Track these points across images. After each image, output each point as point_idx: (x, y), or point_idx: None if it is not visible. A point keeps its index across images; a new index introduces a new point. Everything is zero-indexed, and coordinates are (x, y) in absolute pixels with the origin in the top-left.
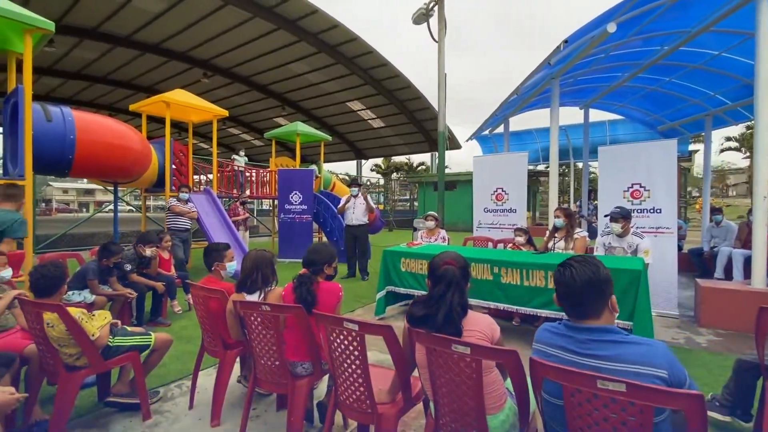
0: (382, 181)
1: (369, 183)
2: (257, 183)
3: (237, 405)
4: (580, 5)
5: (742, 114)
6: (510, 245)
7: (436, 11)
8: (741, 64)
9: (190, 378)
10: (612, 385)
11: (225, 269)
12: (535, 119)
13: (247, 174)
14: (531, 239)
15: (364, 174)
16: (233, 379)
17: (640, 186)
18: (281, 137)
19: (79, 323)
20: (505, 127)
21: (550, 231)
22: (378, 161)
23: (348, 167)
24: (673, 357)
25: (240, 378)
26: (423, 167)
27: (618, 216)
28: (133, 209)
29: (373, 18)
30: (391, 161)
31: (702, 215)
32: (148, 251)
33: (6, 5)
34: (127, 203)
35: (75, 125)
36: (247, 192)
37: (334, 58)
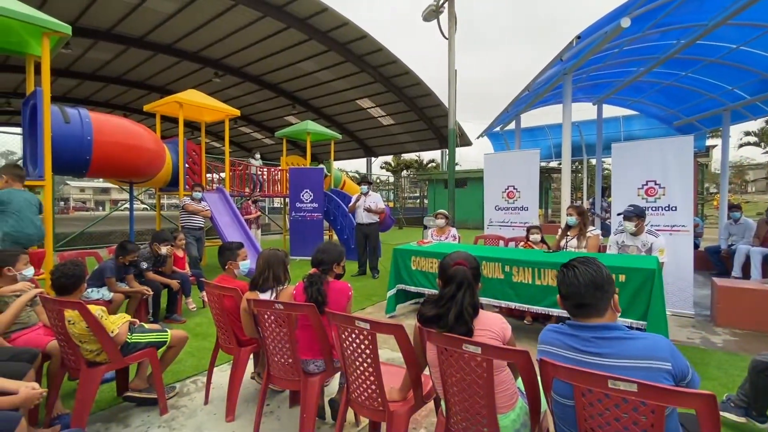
0: (391, 179)
1: (378, 180)
2: (269, 181)
3: (250, 400)
4: None
5: (761, 108)
6: (522, 243)
7: (446, 8)
8: (760, 57)
9: (204, 374)
10: (623, 385)
11: (238, 268)
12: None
13: (260, 172)
14: (543, 237)
15: (373, 172)
16: (246, 375)
17: (654, 183)
18: (292, 136)
19: (99, 320)
20: (517, 124)
21: (562, 229)
22: (388, 159)
23: (358, 165)
24: (675, 349)
25: (253, 374)
26: (433, 164)
27: (632, 214)
28: (148, 207)
29: (383, 15)
30: (401, 159)
31: (719, 212)
32: (163, 249)
33: (24, 9)
34: (142, 201)
35: (92, 127)
36: (258, 191)
37: (343, 55)
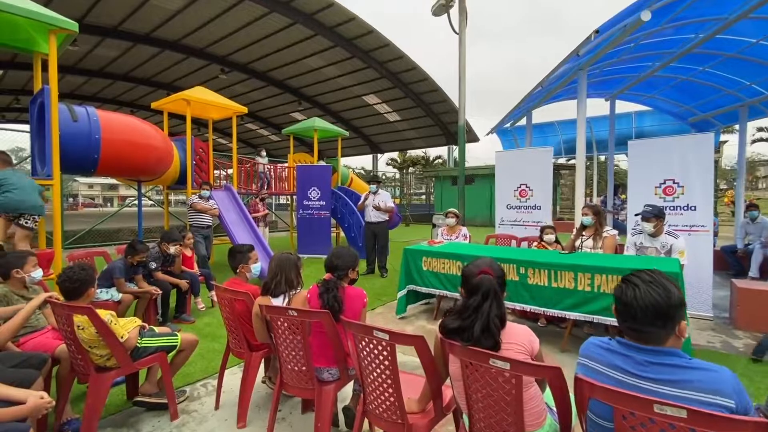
0: (398, 176)
1: (384, 177)
2: (275, 178)
3: (262, 406)
4: None
5: None
6: (535, 244)
7: (456, 1)
8: None
9: (215, 377)
10: (671, 410)
11: (250, 271)
12: (557, 111)
13: (268, 168)
14: (557, 237)
15: (379, 168)
16: (258, 380)
17: (673, 182)
18: (299, 133)
19: (109, 325)
20: (528, 121)
21: (577, 229)
22: (394, 155)
23: (364, 161)
24: (740, 383)
25: (264, 378)
26: (439, 161)
27: (650, 215)
28: (155, 204)
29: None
30: (407, 155)
31: (735, 210)
32: (172, 249)
33: (31, 7)
34: (149, 198)
35: (100, 125)
36: (266, 189)
37: (350, 51)
